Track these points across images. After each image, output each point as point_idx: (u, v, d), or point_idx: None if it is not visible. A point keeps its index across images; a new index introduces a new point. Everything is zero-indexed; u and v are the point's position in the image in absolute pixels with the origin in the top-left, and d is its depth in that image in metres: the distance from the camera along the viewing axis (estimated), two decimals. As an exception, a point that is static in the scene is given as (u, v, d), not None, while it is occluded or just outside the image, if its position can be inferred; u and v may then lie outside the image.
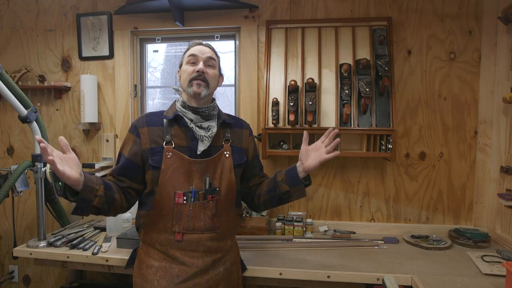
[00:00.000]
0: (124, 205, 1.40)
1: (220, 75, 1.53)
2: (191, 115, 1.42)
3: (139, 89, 2.42)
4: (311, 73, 2.07)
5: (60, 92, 2.45)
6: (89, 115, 2.32)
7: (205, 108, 1.42)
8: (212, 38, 2.34)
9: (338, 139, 1.38)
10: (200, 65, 1.40)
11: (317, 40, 2.10)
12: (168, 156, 1.37)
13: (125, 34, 2.35)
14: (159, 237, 1.39)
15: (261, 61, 2.23)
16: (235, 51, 2.33)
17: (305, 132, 1.43)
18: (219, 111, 1.50)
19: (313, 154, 1.40)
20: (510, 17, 1.85)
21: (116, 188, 1.37)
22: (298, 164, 1.43)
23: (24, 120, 1.95)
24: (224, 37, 2.35)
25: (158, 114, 1.47)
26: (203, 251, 1.39)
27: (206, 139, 1.40)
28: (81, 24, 2.38)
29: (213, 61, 1.45)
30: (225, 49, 2.41)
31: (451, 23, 2.08)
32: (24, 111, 1.94)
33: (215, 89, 1.49)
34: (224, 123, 1.49)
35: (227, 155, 1.44)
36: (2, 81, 1.84)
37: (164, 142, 1.39)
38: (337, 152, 1.36)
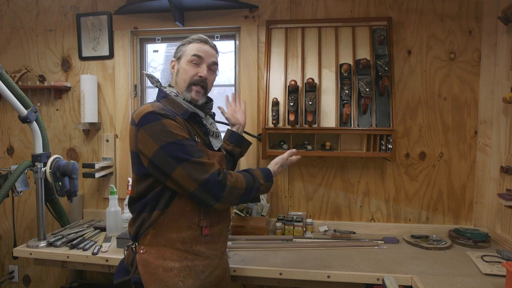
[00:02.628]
0: None
1: None
2: (201, 113, 1.43)
3: (139, 89, 2.42)
4: (311, 73, 2.07)
5: (60, 92, 2.45)
6: (89, 115, 2.32)
7: (211, 105, 1.49)
8: (212, 38, 2.33)
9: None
10: (205, 71, 1.39)
11: (317, 40, 2.10)
12: None
13: (125, 34, 2.35)
14: (180, 235, 1.30)
15: (261, 61, 2.22)
16: (235, 51, 2.33)
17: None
18: None
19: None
20: (510, 17, 1.85)
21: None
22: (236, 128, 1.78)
23: (24, 120, 1.95)
24: (224, 37, 2.35)
25: (168, 109, 1.34)
26: (222, 241, 1.43)
27: (220, 134, 1.46)
28: (81, 24, 2.38)
29: (215, 66, 1.45)
30: (225, 49, 2.41)
31: (451, 23, 2.08)
32: (24, 111, 1.94)
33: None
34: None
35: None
36: (2, 81, 1.84)
37: (196, 138, 1.34)
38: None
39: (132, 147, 1.31)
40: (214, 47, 1.46)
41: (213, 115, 1.56)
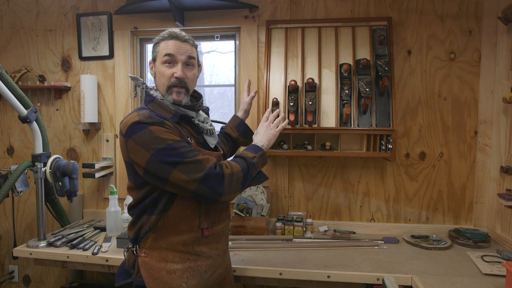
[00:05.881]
0: None
1: (198, 67, 1.41)
2: (191, 112, 1.36)
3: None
4: (311, 73, 2.07)
5: (60, 92, 2.45)
6: (89, 115, 2.32)
7: (201, 102, 1.41)
8: (212, 38, 2.34)
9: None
10: (179, 71, 1.29)
11: (317, 40, 2.10)
12: None
13: (125, 34, 2.35)
14: (181, 238, 1.29)
15: (261, 61, 2.22)
16: (235, 51, 2.33)
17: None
18: None
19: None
20: (510, 17, 1.85)
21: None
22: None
23: (24, 120, 1.95)
24: (224, 37, 2.35)
25: (156, 114, 1.29)
26: (224, 239, 1.42)
27: (214, 131, 1.42)
28: (81, 24, 2.38)
29: (192, 60, 1.34)
30: (225, 49, 2.41)
31: (451, 23, 2.08)
32: (24, 111, 1.94)
33: (195, 85, 1.43)
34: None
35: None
36: (2, 81, 1.84)
37: (188, 139, 1.29)
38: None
39: (125, 157, 1.28)
40: (189, 41, 1.34)
41: (206, 110, 1.49)
